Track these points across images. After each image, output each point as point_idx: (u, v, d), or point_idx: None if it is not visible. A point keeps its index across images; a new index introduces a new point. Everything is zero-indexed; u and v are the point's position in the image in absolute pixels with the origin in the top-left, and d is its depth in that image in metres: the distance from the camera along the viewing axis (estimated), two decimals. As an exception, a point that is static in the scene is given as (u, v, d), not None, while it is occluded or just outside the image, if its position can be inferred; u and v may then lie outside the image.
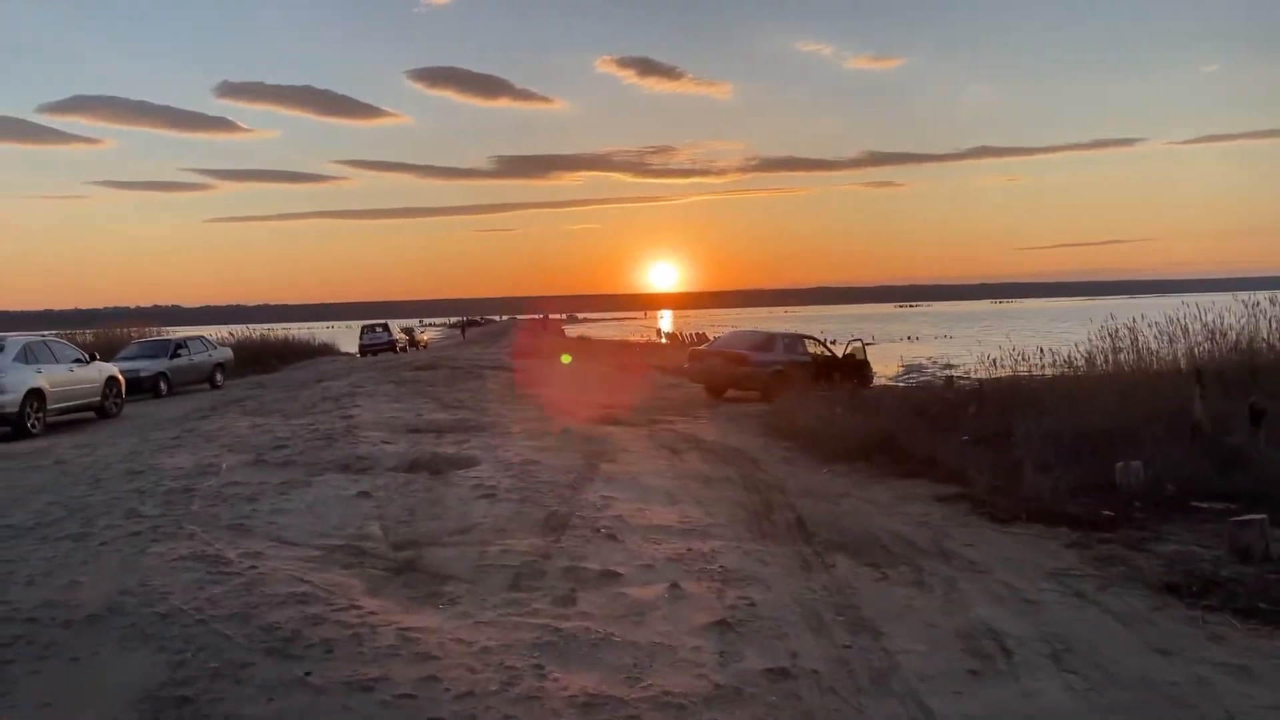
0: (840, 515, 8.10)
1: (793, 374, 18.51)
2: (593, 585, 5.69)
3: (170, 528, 6.90)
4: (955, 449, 10.33)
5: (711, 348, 19.34)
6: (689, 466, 10.36)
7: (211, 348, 24.77)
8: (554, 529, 7.06)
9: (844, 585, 5.98)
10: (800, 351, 19.03)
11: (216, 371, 24.41)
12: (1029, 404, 12.43)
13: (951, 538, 7.31)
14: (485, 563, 6.12)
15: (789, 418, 13.68)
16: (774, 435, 13.04)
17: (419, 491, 8.40)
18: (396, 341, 45.29)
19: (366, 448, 10.82)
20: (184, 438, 12.46)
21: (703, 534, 7.22)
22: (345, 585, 5.59)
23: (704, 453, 11.42)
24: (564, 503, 8.01)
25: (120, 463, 10.45)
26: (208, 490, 8.31)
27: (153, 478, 9.19)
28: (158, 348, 23.34)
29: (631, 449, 11.46)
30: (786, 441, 12.30)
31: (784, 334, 19.34)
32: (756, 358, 18.21)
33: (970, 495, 8.60)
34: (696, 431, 13.61)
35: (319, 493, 8.27)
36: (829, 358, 19.34)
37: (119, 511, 7.56)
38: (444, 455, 10.29)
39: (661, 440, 12.46)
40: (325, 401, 17.13)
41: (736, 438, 12.97)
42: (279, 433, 12.49)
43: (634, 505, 8.12)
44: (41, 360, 16.19)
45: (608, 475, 9.49)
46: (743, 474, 9.97)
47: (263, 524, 7.08)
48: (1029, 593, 5.85)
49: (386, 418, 14.14)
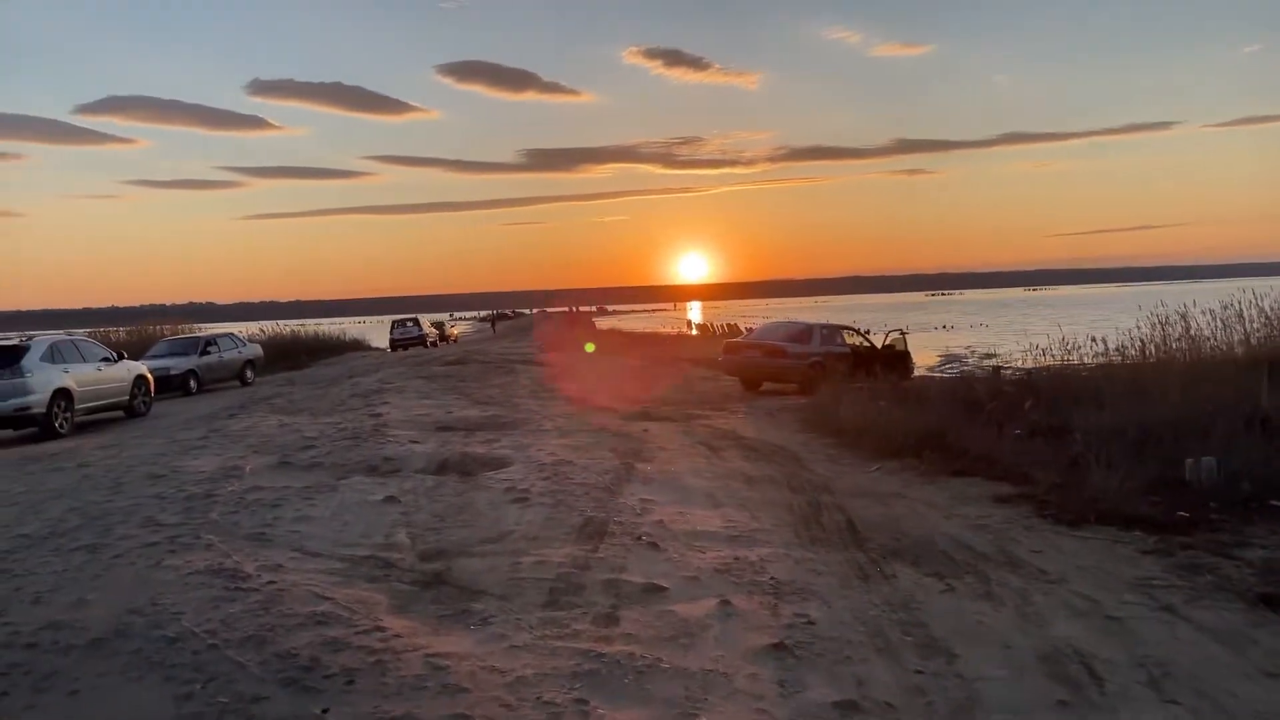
0: (894, 518, 7.61)
1: (831, 366, 17.97)
2: (636, 601, 5.26)
3: (188, 538, 6.55)
4: (1010, 445, 9.80)
5: (747, 340, 18.84)
6: (729, 465, 9.90)
7: (241, 344, 24.60)
8: (591, 536, 6.64)
9: (907, 599, 5.50)
10: (838, 343, 18.48)
11: (246, 368, 24.25)
12: (1083, 396, 11.85)
13: (1017, 543, 6.81)
14: (519, 575, 5.71)
15: (831, 412, 13.16)
16: (816, 431, 12.54)
17: (448, 495, 8.01)
18: (427, 336, 45.09)
19: (394, 448, 10.46)
20: (210, 438, 12.18)
21: (749, 540, 6.76)
22: (369, 602, 5.20)
23: (744, 450, 10.95)
24: (601, 507, 7.58)
25: (143, 465, 10.17)
26: (229, 496, 7.97)
27: (175, 482, 8.88)
28: (187, 345, 23.20)
29: (668, 446, 11.02)
30: (829, 437, 11.80)
31: (821, 324, 18.79)
32: (793, 349, 17.70)
33: (1032, 495, 8.07)
34: (734, 427, 13.14)
35: (344, 498, 7.90)
36: (868, 349, 18.77)
37: (137, 519, 7.23)
38: (474, 455, 9.91)
39: (698, 437, 12.01)
40: (354, 399, 16.84)
41: (776, 434, 12.49)
42: (306, 432, 12.17)
43: (675, 509, 7.68)
44: (68, 360, 16.02)
45: (645, 475, 9.06)
46: (786, 473, 9.50)
47: (284, 533, 6.71)
48: (1111, 607, 5.35)
49: (415, 415, 13.79)
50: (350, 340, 36.38)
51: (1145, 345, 15.01)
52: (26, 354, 15.24)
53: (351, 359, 31.53)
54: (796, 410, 14.97)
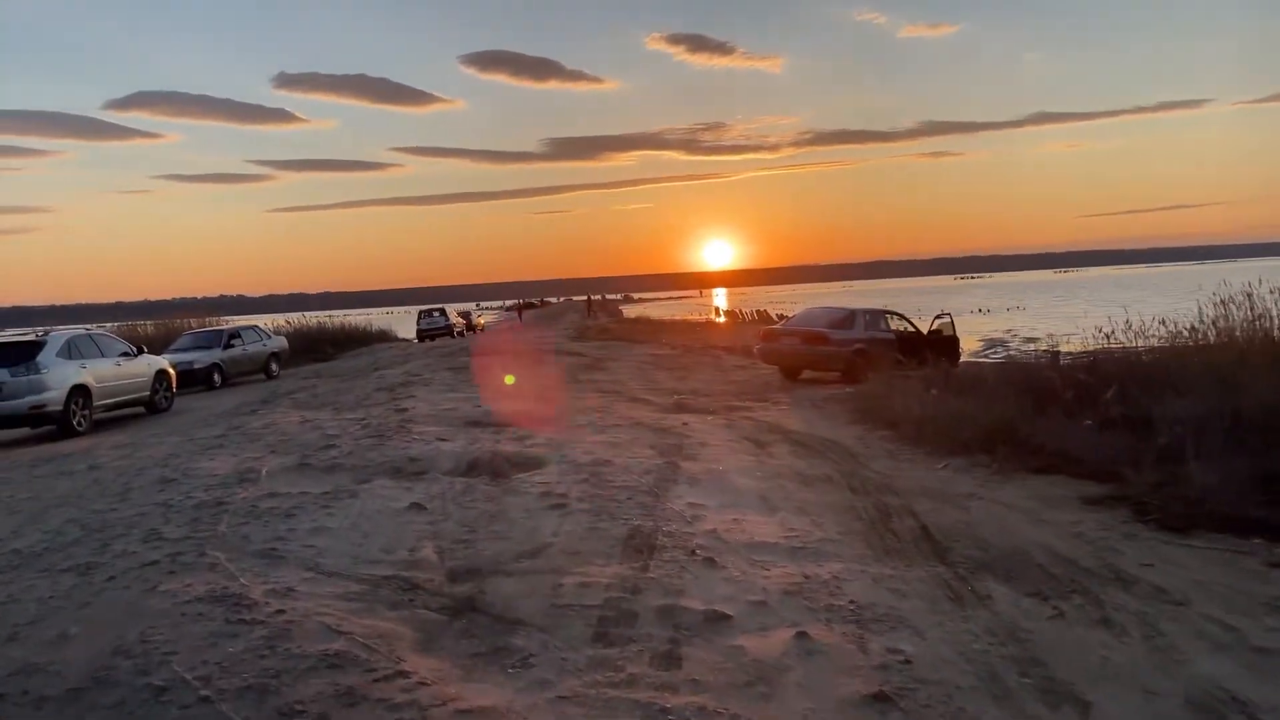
0: (974, 524, 6.83)
1: (875, 353, 17.13)
2: (698, 634, 4.52)
3: (191, 555, 5.89)
4: (1089, 439, 8.96)
5: (787, 326, 18.03)
6: (780, 463, 9.14)
7: (266, 337, 24.09)
8: (639, 550, 5.91)
9: (1012, 627, 4.73)
10: (882, 328, 17.63)
11: (271, 361, 23.75)
12: (1155, 382, 10.98)
13: (1120, 554, 6.01)
14: (561, 600, 4.99)
15: (882, 402, 12.36)
16: (868, 423, 11.74)
17: (479, 502, 7.31)
18: (454, 326, 44.58)
19: (420, 446, 9.79)
20: (228, 437, 11.57)
21: (816, 553, 6.01)
22: (391, 636, 4.50)
23: (794, 446, 10.18)
24: (646, 514, 6.85)
25: (155, 467, 9.56)
26: (241, 504, 7.31)
27: (185, 487, 8.24)
28: (211, 338, 22.71)
29: (711, 442, 10.27)
30: (885, 430, 11.00)
31: (865, 309, 17.94)
32: (836, 336, 16.87)
33: (1126, 496, 7.25)
34: (779, 420, 12.36)
35: (366, 505, 7.22)
36: (913, 334, 17.91)
37: (139, 532, 6.59)
38: (505, 454, 9.21)
39: (742, 431, 11.25)
40: (379, 392, 16.22)
41: (826, 427, 11.70)
42: (328, 429, 11.53)
43: (727, 515, 6.94)
44: (86, 355, 15.50)
45: (690, 476, 8.32)
46: (844, 471, 8.73)
47: (298, 548, 6.03)
48: (1257, 636, 4.56)
49: (442, 410, 13.13)
50: (376, 331, 35.85)
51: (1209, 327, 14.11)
52: (42, 350, 14.72)
53: (378, 350, 30.98)
54: (843, 400, 14.16)
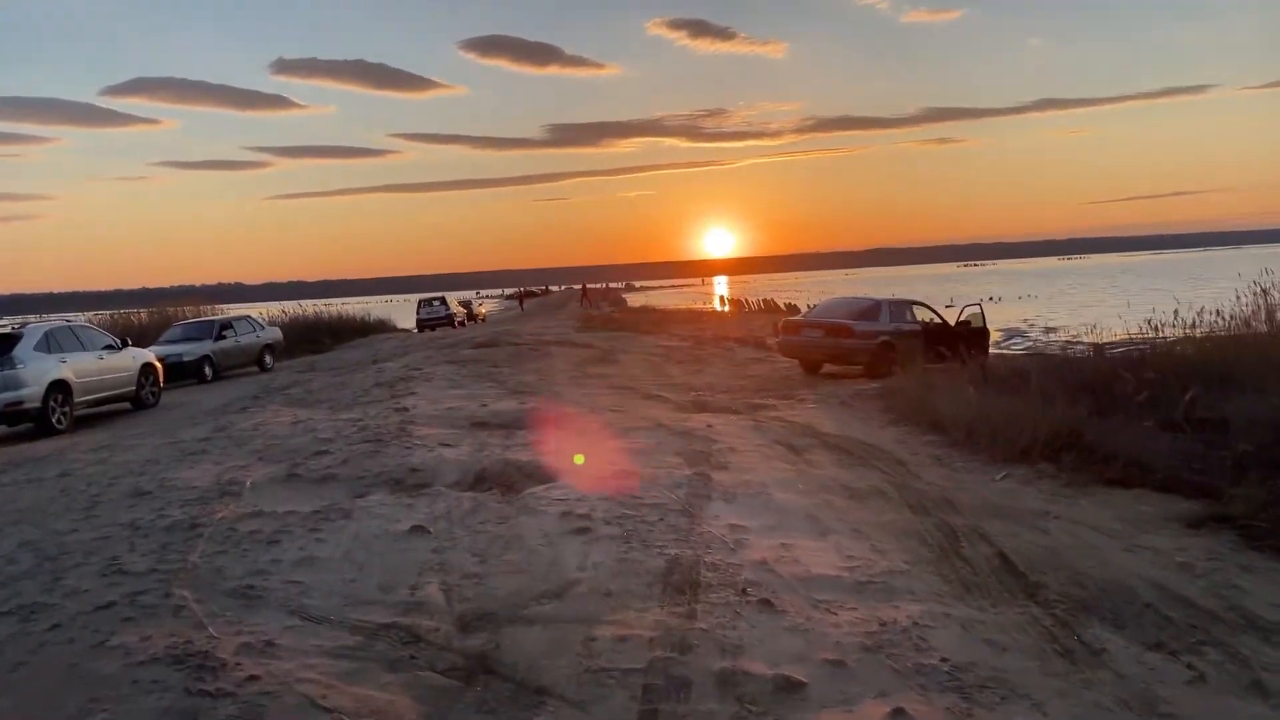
0: (1058, 550, 5.95)
1: (901, 346, 16.22)
2: (769, 711, 3.64)
3: (154, 595, 5.01)
4: (1162, 445, 8.07)
5: (808, 318, 17.11)
6: (822, 472, 8.25)
7: (259, 328, 23.19)
8: (682, 590, 5.03)
9: (1149, 697, 3.86)
10: (908, 319, 16.71)
11: (265, 353, 22.85)
12: (1220, 378, 10.11)
13: (1244, 592, 5.13)
14: (594, 662, 4.10)
15: (917, 400, 11.46)
16: (907, 424, 10.85)
17: (490, 523, 6.41)
18: (454, 316, 43.64)
19: (422, 453, 8.90)
20: (213, 440, 10.68)
21: (885, 589, 5.13)
22: (389, 713, 3.62)
23: (831, 451, 9.29)
24: (683, 539, 5.97)
25: (130, 476, 8.68)
26: (219, 526, 6.42)
27: (159, 502, 7.36)
28: (202, 329, 21.81)
29: (740, 447, 9.38)
30: (929, 434, 10.11)
31: (890, 299, 17.02)
32: (860, 328, 15.96)
33: (1227, 516, 6.36)
34: (809, 420, 11.47)
35: (361, 527, 6.32)
36: (940, 325, 17.00)
37: (99, 562, 5.71)
38: (517, 463, 8.32)
39: (772, 433, 10.36)
40: (378, 388, 15.32)
41: (862, 428, 10.81)
42: (322, 431, 10.64)
43: (774, 539, 6.05)
44: (66, 348, 14.61)
45: (725, 489, 7.44)
46: (894, 483, 7.84)
47: (280, 585, 5.15)
48: None
49: (446, 409, 12.24)
50: (375, 321, 34.93)
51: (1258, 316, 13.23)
52: (18, 343, 13.83)
53: (376, 341, 30.06)
54: (874, 397, 13.27)
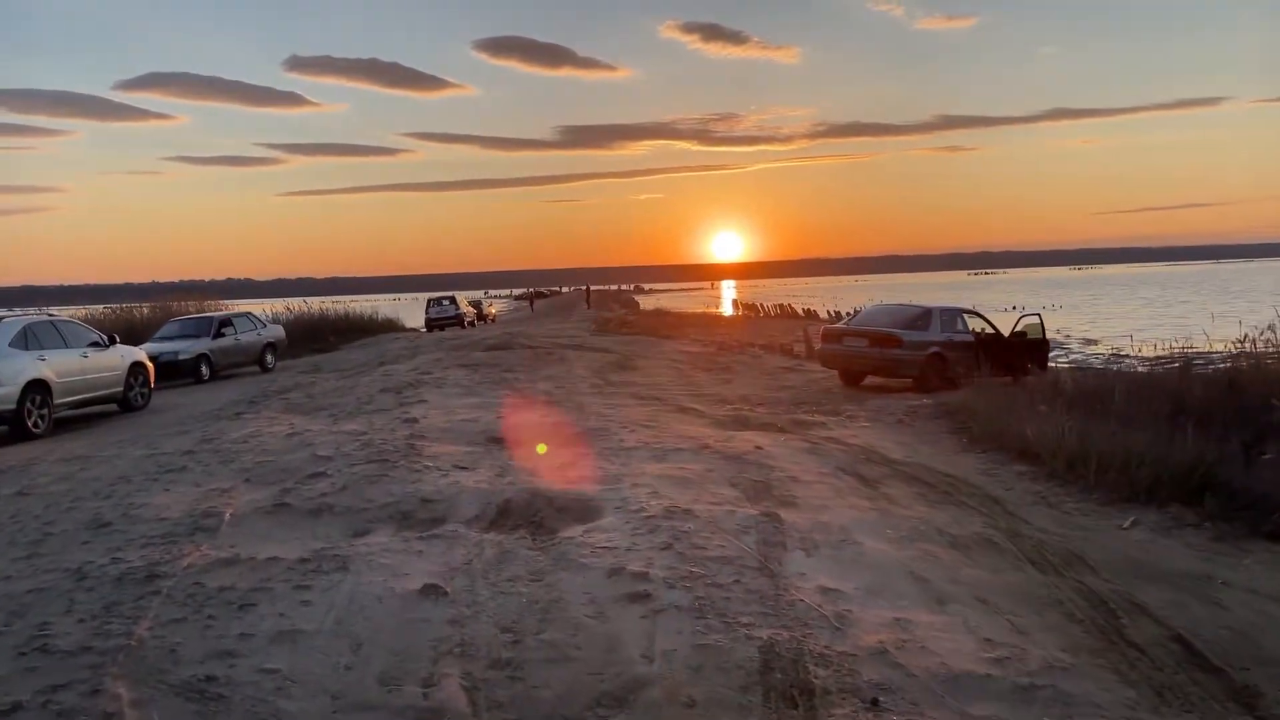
0: (1248, 633, 4.65)
1: (953, 358, 14.93)
2: None
3: (79, 692, 3.72)
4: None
5: (852, 325, 15.78)
6: (908, 512, 6.94)
7: (260, 325, 21.94)
8: (790, 699, 3.72)
9: None
10: (960, 329, 15.40)
11: (266, 352, 21.60)
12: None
13: None
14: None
15: (993, 421, 10.16)
16: (985, 449, 9.54)
17: (521, 581, 5.12)
18: (464, 315, 42.35)
19: (435, 478, 7.61)
20: (197, 454, 9.40)
21: (1059, 698, 3.83)
22: None
23: (910, 484, 7.99)
24: (770, 611, 4.66)
25: (94, 499, 7.41)
26: (183, 579, 5.13)
27: (118, 539, 6.08)
28: (199, 326, 20.57)
29: (802, 476, 8.07)
30: (1017, 463, 8.80)
31: (941, 307, 15.69)
32: (910, 338, 14.64)
33: None
34: (869, 442, 10.16)
35: (359, 585, 5.03)
36: (994, 336, 15.68)
37: (22, 630, 4.43)
38: (547, 493, 7.03)
39: (832, 458, 9.05)
40: (384, 394, 14.05)
41: (934, 454, 9.51)
42: (320, 446, 9.37)
43: (882, 610, 4.76)
44: (46, 345, 13.38)
45: (801, 534, 6.13)
46: (1001, 529, 6.53)
47: (250, 677, 3.86)
48: None
49: (460, 420, 10.95)
50: (383, 320, 33.62)
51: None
52: (-8, 339, 12.61)
53: (384, 341, 28.78)
54: (933, 415, 11.97)
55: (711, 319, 47.09)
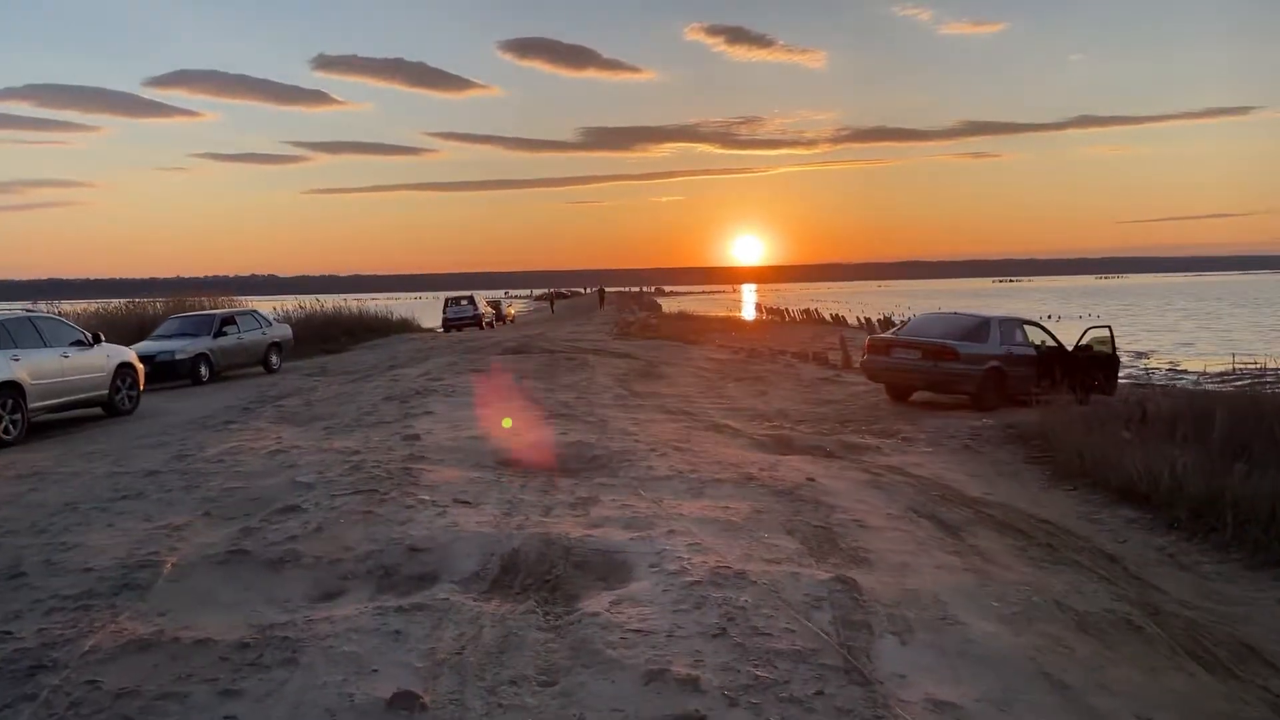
0: None
1: (1014, 374, 13.54)
2: None
3: None
4: None
5: (902, 335, 14.40)
6: (1012, 576, 5.58)
7: (265, 324, 20.76)
8: None
9: None
10: (1020, 341, 14.00)
11: (271, 353, 20.43)
12: None
13: None
14: None
15: (1075, 449, 8.79)
16: (1073, 483, 8.17)
17: (528, 686, 3.81)
18: (482, 316, 41.14)
19: (429, 516, 6.33)
20: (163, 474, 8.16)
21: None
22: None
23: (1001, 531, 6.63)
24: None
25: (25, 534, 6.18)
26: (75, 674, 3.84)
27: (22, 599, 4.83)
28: (200, 324, 19.41)
29: (869, 519, 6.74)
30: (1120, 504, 7.42)
31: (1000, 317, 14.29)
32: (967, 350, 13.25)
33: None
34: (936, 473, 8.81)
35: (305, 693, 3.71)
36: (1058, 350, 14.27)
37: None
38: (563, 541, 5.73)
39: (899, 494, 7.70)
40: (388, 403, 12.81)
41: (1016, 489, 8.14)
42: (303, 469, 8.11)
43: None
44: (22, 343, 12.23)
45: (887, 609, 4.79)
46: (1130, 599, 5.18)
47: None
48: None
49: (466, 437, 9.69)
50: (398, 320, 32.41)
51: None
52: (-43, 337, 11.48)
53: (397, 342, 27.58)
54: (1001, 439, 10.62)
55: (736, 324, 45.72)
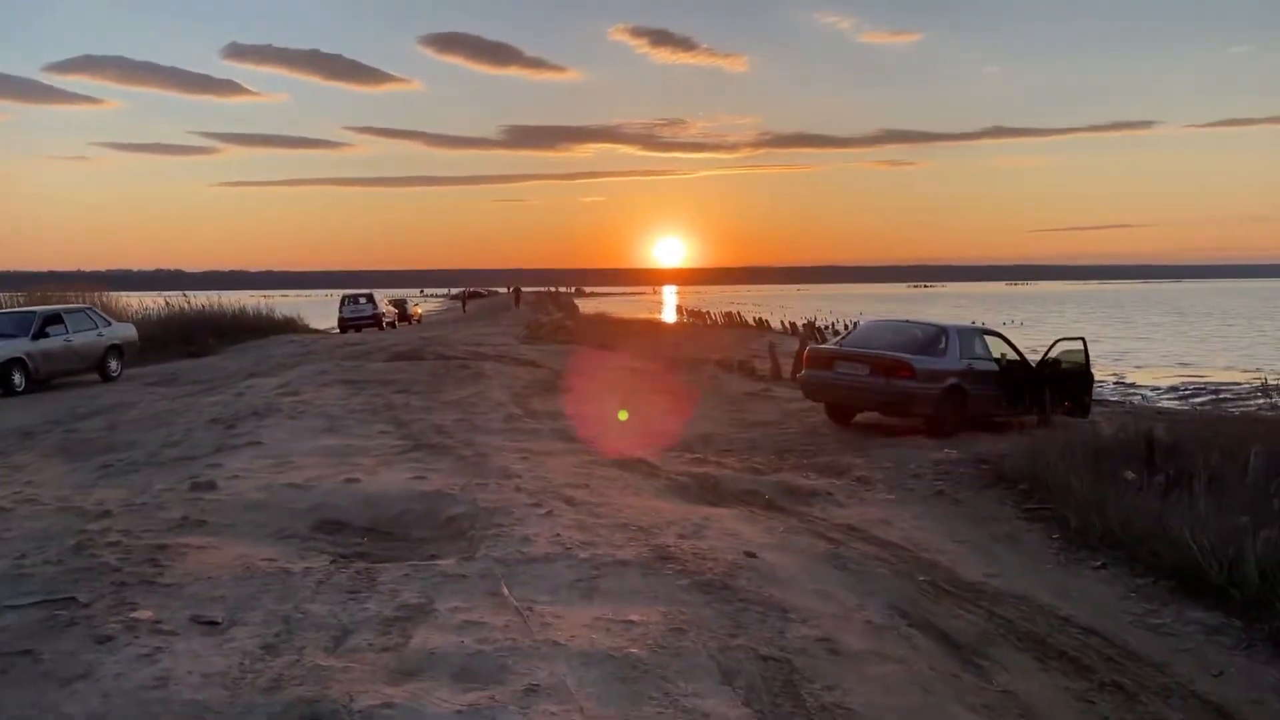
0: None
1: (974, 392, 11.52)
2: None
3: None
4: None
5: (846, 347, 12.22)
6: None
7: (103, 323, 17.69)
8: None
9: None
10: (981, 353, 11.99)
11: (110, 357, 17.36)
12: None
13: None
14: None
15: (1079, 498, 6.71)
16: (1097, 557, 6.05)
17: None
18: (383, 316, 38.14)
19: (124, 665, 3.79)
20: None
21: None
22: None
23: (1035, 657, 4.43)
24: None
25: None
26: None
27: None
28: (17, 323, 16.26)
29: (843, 640, 4.47)
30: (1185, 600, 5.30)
31: (956, 326, 12.27)
32: (924, 366, 11.16)
33: None
34: (911, 533, 6.62)
35: None
36: (1020, 365, 12.29)
37: None
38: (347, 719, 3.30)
39: (873, 579, 5.46)
40: (210, 429, 10.13)
41: (1023, 565, 5.98)
42: (13, 546, 5.49)
43: None
44: None
45: None
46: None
47: None
48: None
49: (283, 485, 7.14)
50: (282, 319, 29.27)
51: None
52: None
53: (274, 344, 24.49)
54: (974, 478, 8.56)
55: (656, 327, 43.60)
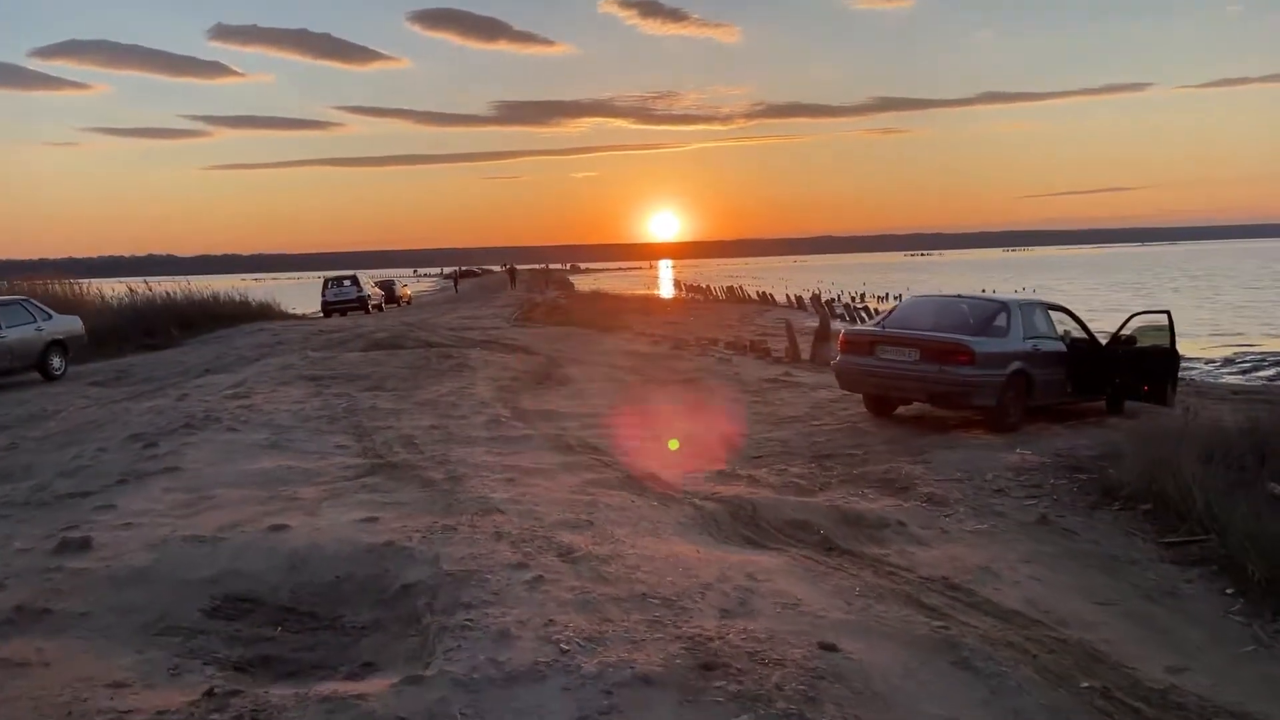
0: None
1: (1041, 378, 9.74)
2: None
3: None
4: None
5: (890, 328, 10.37)
6: None
7: (43, 317, 15.80)
8: None
9: None
10: (1046, 332, 10.19)
11: (51, 353, 15.51)
12: None
13: None
14: None
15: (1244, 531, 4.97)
16: None
17: None
18: (369, 298, 36.18)
19: None
20: None
21: None
22: None
23: None
24: None
25: None
26: None
27: None
28: (-60, 318, 14.45)
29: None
30: None
31: (1021, 301, 10.44)
32: (985, 349, 9.36)
33: None
34: (1036, 596, 4.87)
35: None
36: (1090, 344, 10.48)
37: None
38: None
39: (1005, 684, 3.73)
40: (128, 446, 8.33)
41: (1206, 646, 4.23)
42: None
43: None
44: None
45: None
46: None
47: None
48: None
49: (186, 539, 5.37)
50: (257, 305, 27.41)
51: None
52: None
53: (243, 334, 22.61)
54: (1077, 493, 6.79)
55: (656, 303, 41.75)
